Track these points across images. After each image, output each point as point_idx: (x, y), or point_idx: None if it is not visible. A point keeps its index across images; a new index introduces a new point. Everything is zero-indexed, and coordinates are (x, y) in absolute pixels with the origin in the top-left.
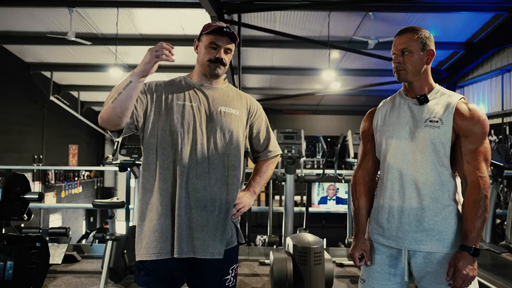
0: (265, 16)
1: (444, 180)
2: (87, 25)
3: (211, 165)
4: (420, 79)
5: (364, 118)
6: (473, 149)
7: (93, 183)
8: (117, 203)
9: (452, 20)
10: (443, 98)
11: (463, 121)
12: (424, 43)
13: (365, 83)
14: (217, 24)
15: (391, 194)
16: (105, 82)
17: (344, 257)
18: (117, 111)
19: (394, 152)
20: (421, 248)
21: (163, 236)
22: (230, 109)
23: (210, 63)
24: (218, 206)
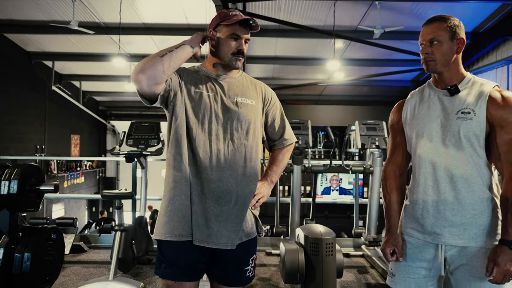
0: (269, 4)
1: (481, 172)
2: (90, 14)
3: (227, 157)
4: (450, 69)
5: (392, 111)
6: (510, 139)
7: (95, 173)
8: (126, 194)
9: (458, 9)
10: (475, 87)
11: (497, 110)
12: (454, 32)
13: (369, 73)
14: (238, 15)
15: (424, 189)
16: (107, 72)
17: (350, 247)
18: (165, 65)
19: (426, 146)
20: (458, 243)
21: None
22: (246, 100)
23: (232, 56)
24: (234, 198)
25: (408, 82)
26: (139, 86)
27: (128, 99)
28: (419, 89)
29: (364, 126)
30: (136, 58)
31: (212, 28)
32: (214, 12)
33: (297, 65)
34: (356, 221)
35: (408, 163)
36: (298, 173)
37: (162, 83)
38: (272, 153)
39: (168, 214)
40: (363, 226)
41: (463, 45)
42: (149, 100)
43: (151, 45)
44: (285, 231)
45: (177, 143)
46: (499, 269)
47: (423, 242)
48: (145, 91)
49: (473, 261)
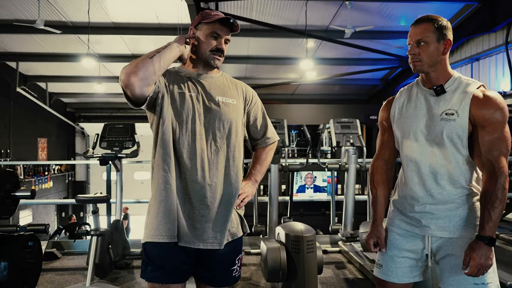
0: (242, 4)
1: (463, 169)
2: (57, 13)
3: (210, 156)
4: (436, 69)
5: (381, 108)
6: (491, 140)
7: (64, 178)
8: (102, 198)
9: (423, 9)
10: (461, 87)
11: (479, 111)
12: (441, 33)
13: (340, 72)
14: (219, 15)
15: (411, 185)
16: (75, 72)
17: (327, 243)
18: (156, 66)
19: (412, 145)
20: (444, 234)
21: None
22: (227, 99)
23: (211, 53)
24: (218, 197)
25: (378, 80)
26: (131, 89)
27: (97, 100)
28: (408, 87)
29: (339, 124)
30: (106, 58)
31: (194, 27)
32: (186, 12)
33: (270, 64)
34: (332, 218)
35: (395, 159)
36: (275, 172)
37: (152, 85)
38: (255, 152)
39: (160, 216)
40: (339, 222)
41: (450, 46)
42: (137, 102)
43: (121, 45)
44: (264, 230)
45: (166, 144)
46: (474, 263)
47: (411, 233)
48: (136, 93)
49: (457, 251)
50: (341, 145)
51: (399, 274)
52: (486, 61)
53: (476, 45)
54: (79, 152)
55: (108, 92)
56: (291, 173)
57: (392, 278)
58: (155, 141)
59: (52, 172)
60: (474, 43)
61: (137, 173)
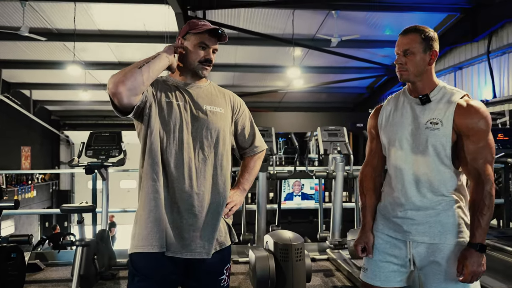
0: (229, 13)
1: (445, 178)
2: (42, 20)
3: (198, 165)
4: (422, 79)
5: (370, 116)
6: (476, 149)
7: (48, 187)
8: (88, 207)
9: (408, 19)
10: (446, 97)
11: (463, 120)
12: (427, 44)
13: (327, 80)
14: (207, 25)
15: (394, 192)
16: (60, 80)
17: (315, 251)
18: (145, 76)
19: (397, 153)
20: (424, 240)
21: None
22: (215, 108)
23: (199, 64)
24: (206, 206)
25: (364, 88)
26: (119, 98)
27: (83, 108)
28: (395, 95)
29: (326, 132)
30: (92, 66)
31: (181, 37)
32: (173, 20)
33: (257, 72)
34: (320, 226)
35: (384, 166)
36: (263, 180)
37: (140, 94)
38: (244, 161)
39: (149, 226)
40: (327, 230)
41: (436, 57)
42: (124, 112)
43: (107, 53)
44: (252, 238)
45: (154, 153)
46: (468, 270)
47: (394, 239)
48: (123, 103)
49: (439, 258)
50: (328, 153)
51: (382, 278)
52: (469, 69)
53: (459, 54)
54: (63, 161)
55: (94, 100)
56: (279, 181)
57: (376, 282)
58: (143, 151)
59: (35, 181)
60: (457, 52)
61: (124, 182)
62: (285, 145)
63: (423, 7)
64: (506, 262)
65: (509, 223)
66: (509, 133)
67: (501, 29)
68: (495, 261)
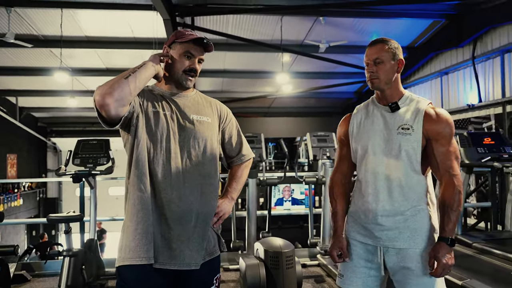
0: (218, 19)
1: (414, 183)
2: (28, 26)
3: (186, 175)
4: (391, 87)
5: (340, 124)
6: (445, 151)
7: (35, 195)
8: (75, 217)
9: (394, 25)
10: (413, 105)
11: (432, 126)
12: (394, 53)
13: (315, 85)
14: (193, 34)
15: (366, 197)
16: (47, 86)
17: (306, 257)
18: (132, 87)
19: (369, 159)
20: (394, 245)
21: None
22: (202, 117)
23: (183, 73)
24: (194, 216)
25: (352, 93)
26: (106, 110)
27: (70, 114)
28: (364, 104)
29: (315, 138)
30: (79, 72)
31: (168, 45)
32: (162, 26)
33: (246, 78)
34: (311, 231)
35: (353, 172)
36: (253, 186)
37: (128, 105)
38: (231, 170)
39: (138, 238)
40: (317, 235)
41: (402, 65)
42: (111, 123)
43: (95, 59)
44: (242, 245)
45: (141, 163)
46: (439, 262)
47: (366, 244)
48: (111, 114)
49: (409, 263)
50: (318, 159)
51: (359, 283)
52: (454, 75)
53: (445, 60)
54: (51, 168)
55: (81, 106)
56: (269, 187)
57: (352, 287)
58: (130, 161)
59: (22, 189)
60: (443, 58)
61: (112, 189)
62: (275, 150)
63: (409, 13)
64: (494, 265)
65: (496, 226)
66: (495, 137)
67: (485, 35)
68: (483, 264)
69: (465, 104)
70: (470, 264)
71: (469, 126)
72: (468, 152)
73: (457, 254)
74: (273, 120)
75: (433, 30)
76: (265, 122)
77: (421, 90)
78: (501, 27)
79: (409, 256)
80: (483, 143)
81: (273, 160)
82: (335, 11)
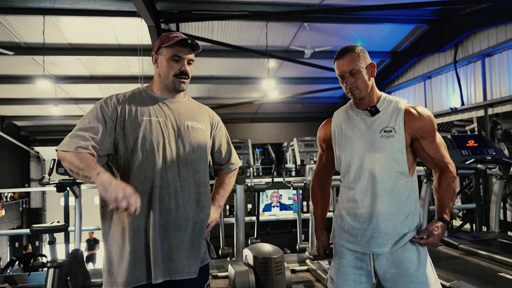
0: (203, 25)
1: (402, 186)
2: (8, 33)
3: (183, 183)
4: (369, 93)
5: (319, 129)
6: (434, 145)
7: (18, 205)
8: (59, 227)
9: (377, 31)
10: (391, 106)
11: (417, 124)
12: (365, 58)
13: (301, 90)
14: (178, 36)
15: (353, 202)
16: (30, 94)
17: (295, 262)
18: (79, 178)
19: (354, 165)
20: (383, 251)
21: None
22: (196, 124)
23: (175, 78)
24: (191, 225)
25: (338, 98)
26: None
27: (53, 123)
28: (342, 110)
29: (302, 143)
30: (63, 80)
31: (155, 52)
32: (146, 33)
33: (232, 84)
34: (299, 236)
35: (332, 176)
36: (241, 192)
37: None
38: (218, 177)
39: (131, 256)
40: (306, 240)
41: (375, 68)
42: None
43: (79, 66)
44: (231, 252)
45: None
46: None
47: (355, 252)
48: None
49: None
50: (305, 163)
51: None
52: (437, 79)
53: (428, 64)
54: (34, 178)
55: (65, 114)
56: (257, 193)
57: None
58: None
59: (4, 199)
60: (426, 62)
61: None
62: (262, 156)
63: (391, 19)
64: (480, 266)
65: (481, 227)
66: (478, 140)
67: (466, 40)
68: (470, 266)
69: (448, 107)
70: (457, 266)
71: (452, 129)
72: (452, 154)
73: (444, 255)
74: (260, 126)
75: (416, 35)
76: (252, 128)
77: (405, 94)
78: (481, 32)
79: (399, 261)
80: (466, 145)
81: (261, 166)
82: (319, 17)
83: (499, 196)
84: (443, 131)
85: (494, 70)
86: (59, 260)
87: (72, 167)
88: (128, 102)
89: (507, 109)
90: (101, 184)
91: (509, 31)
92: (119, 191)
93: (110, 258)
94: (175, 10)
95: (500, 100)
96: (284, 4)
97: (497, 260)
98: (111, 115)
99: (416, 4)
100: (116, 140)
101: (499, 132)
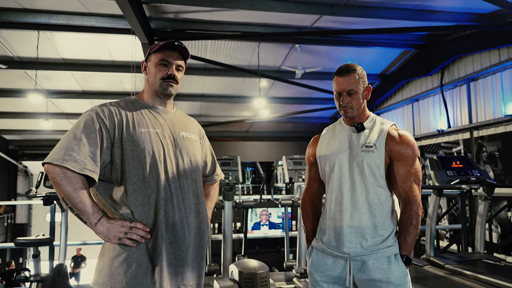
0: (196, 44)
1: (381, 199)
2: (2, 47)
3: (184, 195)
4: (360, 113)
5: (309, 145)
6: (405, 172)
7: (3, 220)
8: (44, 240)
9: (367, 54)
10: (377, 126)
11: (395, 146)
12: (363, 81)
13: (292, 110)
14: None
15: (334, 214)
16: (20, 108)
17: (282, 281)
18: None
19: (336, 176)
20: (362, 258)
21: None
22: (190, 134)
23: (162, 81)
24: (193, 237)
25: (328, 119)
26: None
27: (43, 137)
28: (332, 126)
29: (291, 161)
30: (55, 94)
31: (145, 60)
32: (140, 50)
33: (224, 102)
34: (287, 254)
35: (323, 192)
36: (229, 209)
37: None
38: (203, 190)
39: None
40: (293, 259)
41: (370, 91)
42: None
43: (71, 81)
44: (218, 269)
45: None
46: None
47: (335, 259)
48: None
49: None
50: (293, 181)
51: None
52: (425, 101)
53: (415, 87)
54: (20, 192)
55: (56, 129)
56: (245, 210)
57: None
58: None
59: None
60: (414, 85)
61: None
62: (253, 175)
63: (380, 42)
64: (465, 286)
65: (467, 247)
66: (463, 161)
67: (452, 64)
68: (455, 286)
69: (435, 129)
70: (442, 285)
71: (439, 150)
72: (438, 175)
73: (430, 275)
74: (251, 144)
75: (404, 58)
76: (243, 146)
77: (394, 116)
78: (466, 57)
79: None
80: (452, 166)
81: (251, 184)
82: (310, 39)
83: (483, 217)
84: (430, 153)
85: (479, 94)
86: (43, 274)
87: (67, 201)
88: (123, 111)
89: (491, 132)
90: (100, 234)
91: (492, 56)
92: (120, 233)
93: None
94: (168, 29)
95: (485, 123)
96: (276, 26)
97: (482, 280)
98: (108, 124)
99: (405, 29)
100: (113, 153)
101: (485, 155)
